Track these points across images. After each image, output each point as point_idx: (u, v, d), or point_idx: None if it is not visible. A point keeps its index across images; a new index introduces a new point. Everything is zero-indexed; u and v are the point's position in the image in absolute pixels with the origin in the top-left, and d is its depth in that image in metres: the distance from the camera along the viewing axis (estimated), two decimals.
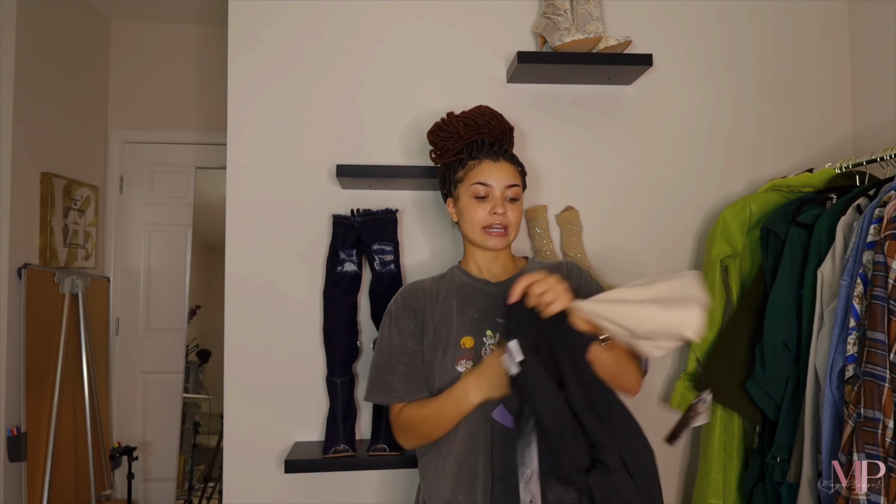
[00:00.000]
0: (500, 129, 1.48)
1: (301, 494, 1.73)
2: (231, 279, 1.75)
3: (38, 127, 2.77)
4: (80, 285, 2.91)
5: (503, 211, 1.33)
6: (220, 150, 2.10)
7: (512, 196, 1.35)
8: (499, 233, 1.34)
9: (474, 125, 1.44)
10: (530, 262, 1.45)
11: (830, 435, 1.33)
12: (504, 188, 1.34)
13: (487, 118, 1.46)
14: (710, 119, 1.91)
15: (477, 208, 1.34)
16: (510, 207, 1.35)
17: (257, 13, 1.79)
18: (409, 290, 1.41)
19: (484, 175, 1.35)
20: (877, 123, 1.87)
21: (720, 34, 1.92)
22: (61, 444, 2.77)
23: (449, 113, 1.50)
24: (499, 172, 1.35)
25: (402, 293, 1.41)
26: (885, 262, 1.22)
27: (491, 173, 1.35)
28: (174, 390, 3.25)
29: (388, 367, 1.33)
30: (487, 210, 1.34)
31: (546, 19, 1.76)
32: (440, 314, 1.35)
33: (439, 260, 1.78)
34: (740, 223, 1.67)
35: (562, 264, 1.45)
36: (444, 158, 1.45)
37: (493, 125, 1.47)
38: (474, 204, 1.35)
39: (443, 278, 1.43)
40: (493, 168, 1.35)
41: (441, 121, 1.49)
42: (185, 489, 3.18)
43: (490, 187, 1.34)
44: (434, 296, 1.38)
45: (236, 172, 1.77)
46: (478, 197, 1.34)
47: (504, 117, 1.51)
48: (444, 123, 1.47)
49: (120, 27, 3.39)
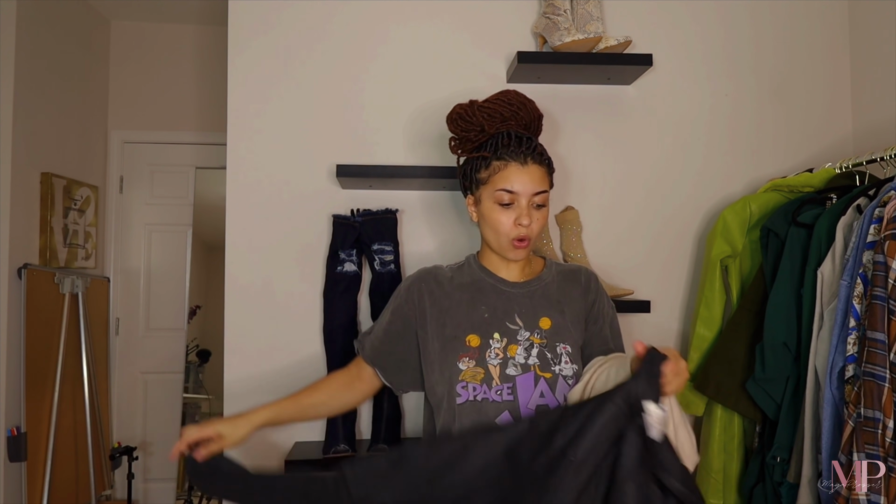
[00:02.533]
0: (528, 118, 1.35)
1: None
2: (231, 279, 1.75)
3: (38, 127, 2.77)
4: (80, 285, 2.91)
5: (529, 222, 1.24)
6: (220, 150, 2.10)
7: (539, 203, 1.26)
8: (521, 245, 1.26)
9: (500, 117, 1.32)
10: (548, 264, 1.38)
11: (830, 435, 1.33)
12: (531, 195, 1.25)
13: (515, 108, 1.33)
14: (710, 119, 1.91)
15: (501, 216, 1.26)
16: (536, 216, 1.26)
17: (257, 13, 1.79)
18: (420, 274, 1.37)
19: (510, 181, 1.24)
20: (877, 123, 1.87)
21: (720, 34, 1.92)
22: (61, 444, 2.77)
23: (472, 101, 1.38)
24: (526, 178, 1.24)
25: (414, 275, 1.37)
26: (885, 262, 1.22)
27: (518, 179, 1.24)
28: (174, 390, 3.25)
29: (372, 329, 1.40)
30: (512, 220, 1.25)
31: (546, 19, 1.76)
32: (447, 304, 1.31)
33: (440, 260, 1.78)
34: (740, 223, 1.67)
35: (580, 271, 1.39)
36: (464, 151, 1.37)
37: (522, 115, 1.34)
38: (498, 211, 1.26)
39: (460, 268, 1.37)
40: (521, 173, 1.24)
41: (462, 109, 1.37)
42: (185, 489, 3.18)
43: (516, 195, 1.24)
44: (444, 283, 1.33)
45: (236, 172, 1.77)
46: (502, 204, 1.26)
47: (534, 104, 1.38)
48: (466, 113, 1.35)
49: (120, 27, 3.39)
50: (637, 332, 1.84)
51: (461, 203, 1.80)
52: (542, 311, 1.30)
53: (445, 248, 1.80)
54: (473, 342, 1.26)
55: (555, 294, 1.33)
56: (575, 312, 1.32)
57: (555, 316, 1.30)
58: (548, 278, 1.35)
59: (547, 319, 1.29)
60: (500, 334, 1.27)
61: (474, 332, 1.27)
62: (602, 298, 1.37)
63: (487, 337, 1.27)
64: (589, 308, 1.35)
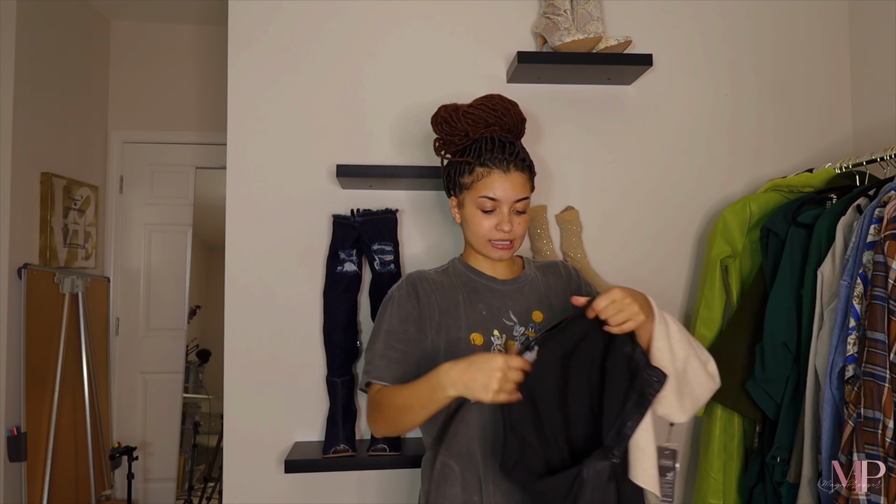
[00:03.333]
0: (511, 122, 1.39)
1: (301, 494, 1.73)
2: (231, 279, 1.75)
3: (38, 127, 2.77)
4: (80, 285, 2.91)
5: (510, 228, 1.28)
6: (220, 150, 2.10)
7: (520, 209, 1.30)
8: (504, 245, 1.30)
9: (484, 123, 1.34)
10: (527, 262, 1.44)
11: (830, 435, 1.33)
12: (512, 202, 1.29)
13: (499, 114, 1.35)
14: (710, 119, 1.91)
15: (483, 221, 1.29)
16: (517, 221, 1.30)
17: (257, 13, 1.79)
18: (414, 277, 1.37)
19: (492, 189, 1.28)
20: (877, 123, 1.87)
21: (720, 34, 1.92)
22: (61, 444, 2.77)
23: (455, 106, 1.39)
24: (508, 185, 1.28)
25: (407, 280, 1.37)
26: (885, 262, 1.22)
27: (500, 187, 1.28)
28: (174, 390, 3.25)
29: (380, 352, 1.28)
30: (493, 224, 1.29)
31: (546, 19, 1.76)
32: (445, 307, 1.32)
33: (440, 260, 1.78)
34: (740, 223, 1.67)
35: (558, 264, 1.45)
36: (448, 152, 1.39)
37: (506, 120, 1.37)
38: (480, 216, 1.30)
39: (446, 271, 1.39)
40: (503, 181, 1.28)
41: (447, 112, 1.38)
42: (185, 489, 3.18)
43: (498, 202, 1.28)
44: (439, 287, 1.35)
45: (236, 172, 1.77)
46: (484, 210, 1.29)
47: (518, 107, 1.41)
48: (451, 118, 1.37)
49: (120, 27, 3.39)
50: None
51: None
52: (533, 305, 1.35)
53: (445, 248, 1.80)
54: (478, 340, 1.29)
55: (542, 288, 1.39)
56: (562, 302, 1.38)
57: (545, 309, 1.36)
58: (531, 274, 1.41)
59: (539, 313, 1.35)
60: (498, 331, 1.31)
61: (477, 331, 1.30)
62: (583, 283, 1.45)
63: (489, 334, 1.30)
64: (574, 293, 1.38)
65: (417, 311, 1.32)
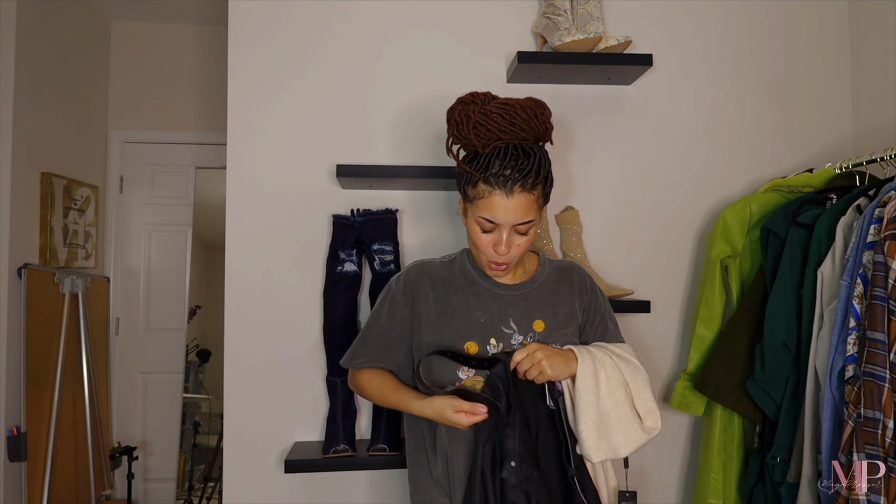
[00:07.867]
0: (532, 135, 1.24)
1: (301, 494, 1.73)
2: (231, 279, 1.75)
3: (38, 127, 2.77)
4: (80, 285, 2.91)
5: (506, 251, 1.23)
6: (220, 150, 2.10)
7: (522, 231, 1.23)
8: (499, 266, 1.26)
9: (496, 136, 1.21)
10: (542, 262, 1.40)
11: (830, 435, 1.33)
12: (511, 226, 1.22)
13: (517, 127, 1.21)
14: (710, 119, 1.91)
15: (482, 237, 1.24)
16: (517, 241, 1.23)
17: (257, 13, 1.79)
18: (414, 273, 1.35)
19: (491, 211, 1.20)
20: (877, 123, 1.87)
21: (720, 34, 1.92)
22: (61, 444, 2.77)
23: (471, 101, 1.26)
24: (509, 208, 1.19)
25: (406, 275, 1.35)
26: (885, 262, 1.22)
27: (499, 211, 1.20)
28: (174, 390, 3.25)
29: (365, 341, 1.38)
30: (491, 244, 1.23)
31: (546, 19, 1.76)
32: (443, 308, 1.31)
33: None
34: (740, 223, 1.67)
35: (573, 272, 1.40)
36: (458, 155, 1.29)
37: (524, 134, 1.22)
38: (478, 232, 1.24)
39: (451, 265, 1.37)
40: (504, 203, 1.19)
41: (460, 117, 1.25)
42: (185, 489, 3.18)
43: (496, 225, 1.22)
44: (440, 283, 1.33)
45: (236, 172, 1.77)
46: (483, 230, 1.24)
47: (545, 114, 1.26)
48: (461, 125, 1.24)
49: (120, 27, 3.39)
50: (637, 331, 1.84)
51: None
52: (536, 313, 1.32)
53: (446, 248, 1.80)
54: (472, 349, 1.28)
55: (548, 295, 1.35)
56: (567, 312, 1.35)
57: (548, 318, 1.32)
58: (541, 278, 1.37)
59: (540, 322, 1.31)
60: (496, 339, 1.29)
61: (472, 339, 1.29)
62: (597, 297, 1.41)
63: (485, 343, 1.28)
64: (586, 308, 1.38)
65: (410, 313, 1.34)
